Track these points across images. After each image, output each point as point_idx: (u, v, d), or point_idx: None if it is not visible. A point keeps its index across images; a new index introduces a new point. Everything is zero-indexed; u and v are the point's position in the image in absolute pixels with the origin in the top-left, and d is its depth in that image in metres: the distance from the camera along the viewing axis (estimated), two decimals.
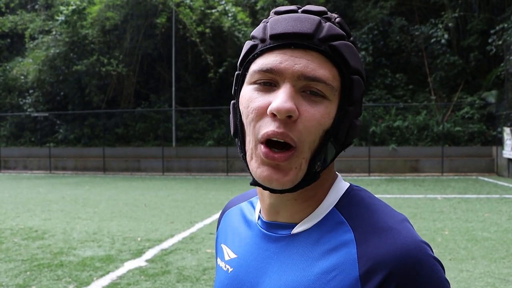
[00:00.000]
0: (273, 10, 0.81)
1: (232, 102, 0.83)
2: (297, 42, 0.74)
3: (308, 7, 0.79)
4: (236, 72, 0.82)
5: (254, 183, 0.78)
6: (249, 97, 0.76)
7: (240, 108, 0.79)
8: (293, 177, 0.74)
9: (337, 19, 0.79)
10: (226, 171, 19.93)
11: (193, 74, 24.51)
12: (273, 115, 0.72)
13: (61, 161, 22.59)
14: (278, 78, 0.74)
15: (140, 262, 5.77)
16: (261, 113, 0.74)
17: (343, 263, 0.72)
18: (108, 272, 5.34)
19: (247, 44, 0.80)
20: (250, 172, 0.78)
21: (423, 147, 19.76)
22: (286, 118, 0.71)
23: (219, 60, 22.43)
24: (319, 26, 0.75)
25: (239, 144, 0.80)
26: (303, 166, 0.74)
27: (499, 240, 6.73)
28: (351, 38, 0.80)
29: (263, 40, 0.77)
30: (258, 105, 0.74)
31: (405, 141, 20.25)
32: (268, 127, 0.73)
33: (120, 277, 5.15)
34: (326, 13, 0.79)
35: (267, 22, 0.79)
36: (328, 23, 0.76)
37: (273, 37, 0.75)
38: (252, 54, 0.78)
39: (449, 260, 5.67)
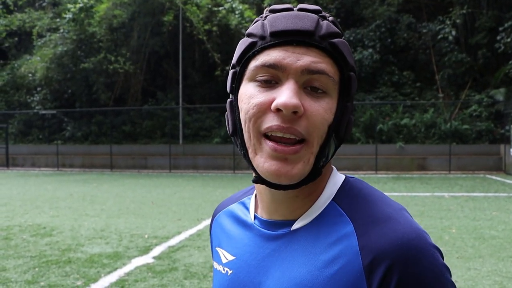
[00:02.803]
0: (268, 9, 0.81)
1: (229, 100, 0.82)
2: (299, 39, 0.74)
3: (304, 6, 0.80)
4: (233, 70, 0.81)
5: (258, 180, 0.77)
6: (250, 93, 0.76)
7: (240, 105, 0.78)
8: (301, 170, 0.74)
9: (330, 18, 0.80)
10: (233, 168, 19.96)
11: (200, 71, 24.54)
12: (278, 111, 0.72)
13: (69, 159, 22.72)
14: (281, 74, 0.74)
15: (147, 259, 5.80)
16: (263, 109, 0.74)
17: (345, 255, 0.73)
18: (115, 269, 5.37)
19: (245, 42, 0.79)
20: (253, 169, 0.77)
21: (431, 145, 19.67)
22: (292, 114, 0.71)
23: (226, 58, 22.42)
24: (318, 23, 0.76)
25: (239, 142, 0.80)
26: (311, 160, 0.75)
27: (506, 239, 6.70)
28: (342, 38, 0.81)
29: (262, 38, 0.76)
30: (260, 100, 0.74)
31: (412, 139, 20.17)
32: (272, 121, 0.72)
33: (128, 274, 5.18)
34: (321, 12, 0.80)
35: (264, 19, 0.79)
36: (325, 21, 0.78)
37: (274, 34, 0.75)
38: (252, 51, 0.77)
39: (457, 259, 5.65)
